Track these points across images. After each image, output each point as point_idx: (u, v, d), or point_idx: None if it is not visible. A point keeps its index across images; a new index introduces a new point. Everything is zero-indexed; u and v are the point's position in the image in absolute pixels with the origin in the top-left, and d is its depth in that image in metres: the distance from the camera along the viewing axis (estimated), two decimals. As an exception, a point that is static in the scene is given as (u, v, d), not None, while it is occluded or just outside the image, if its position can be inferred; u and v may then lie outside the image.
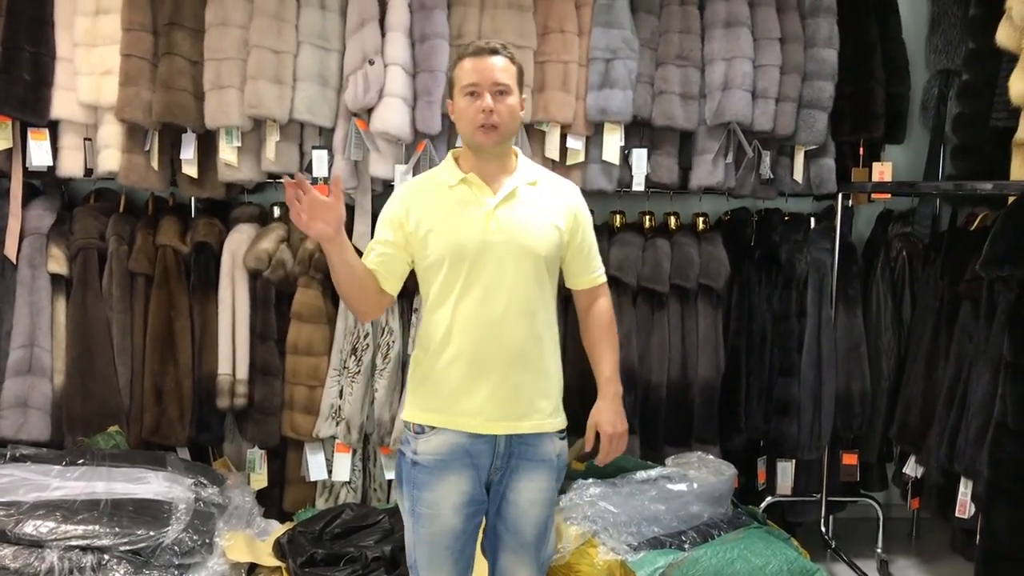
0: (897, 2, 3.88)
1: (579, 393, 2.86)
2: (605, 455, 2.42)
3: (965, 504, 3.17)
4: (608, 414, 2.41)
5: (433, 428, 2.29)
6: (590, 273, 2.45)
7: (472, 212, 2.27)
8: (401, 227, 2.31)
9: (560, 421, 2.38)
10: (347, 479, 3.59)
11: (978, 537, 3.05)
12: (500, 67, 2.25)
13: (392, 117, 3.37)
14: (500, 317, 2.25)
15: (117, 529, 2.81)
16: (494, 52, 2.26)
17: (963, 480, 3.17)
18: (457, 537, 2.30)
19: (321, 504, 3.61)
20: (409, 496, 2.32)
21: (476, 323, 2.25)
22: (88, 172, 3.52)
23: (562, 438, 2.39)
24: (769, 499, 3.82)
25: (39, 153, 3.45)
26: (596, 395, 2.44)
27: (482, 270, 2.25)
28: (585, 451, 2.49)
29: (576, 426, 2.47)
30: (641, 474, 3.31)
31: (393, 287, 2.35)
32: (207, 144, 3.51)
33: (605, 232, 3.74)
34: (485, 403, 2.26)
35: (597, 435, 2.42)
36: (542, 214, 2.31)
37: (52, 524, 2.79)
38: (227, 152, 3.44)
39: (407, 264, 2.35)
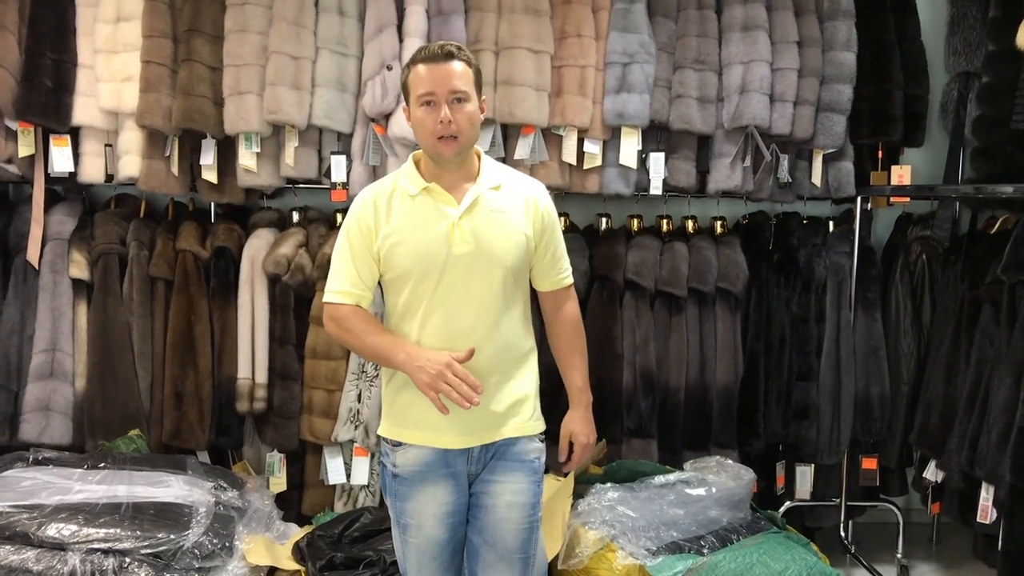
0: (916, 4, 3.86)
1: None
2: (576, 463, 2.43)
3: (987, 509, 3.15)
4: (581, 424, 2.41)
5: (408, 444, 2.26)
6: (556, 275, 2.38)
7: (436, 224, 2.19)
8: (371, 244, 2.23)
9: (538, 425, 2.34)
10: (366, 483, 3.60)
11: (1000, 543, 3.04)
12: (457, 73, 2.15)
13: (410, 122, 3.38)
14: (468, 331, 2.20)
15: (138, 532, 2.83)
16: (449, 56, 2.15)
17: (984, 485, 3.15)
18: (443, 547, 2.28)
19: (340, 508, 3.62)
20: (393, 507, 2.31)
21: (444, 338, 2.19)
22: (109, 178, 3.55)
23: (542, 440, 2.35)
24: (788, 504, 3.81)
25: (61, 159, 3.48)
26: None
27: (449, 284, 2.18)
28: (559, 460, 2.48)
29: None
30: (659, 478, 3.30)
31: (369, 302, 2.30)
32: (227, 150, 3.53)
33: (623, 236, 3.74)
34: (455, 419, 2.19)
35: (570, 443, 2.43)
36: (508, 221, 2.24)
37: (74, 527, 2.81)
38: (246, 157, 3.47)
39: (377, 275, 2.28)
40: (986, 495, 3.15)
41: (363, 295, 2.27)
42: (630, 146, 3.57)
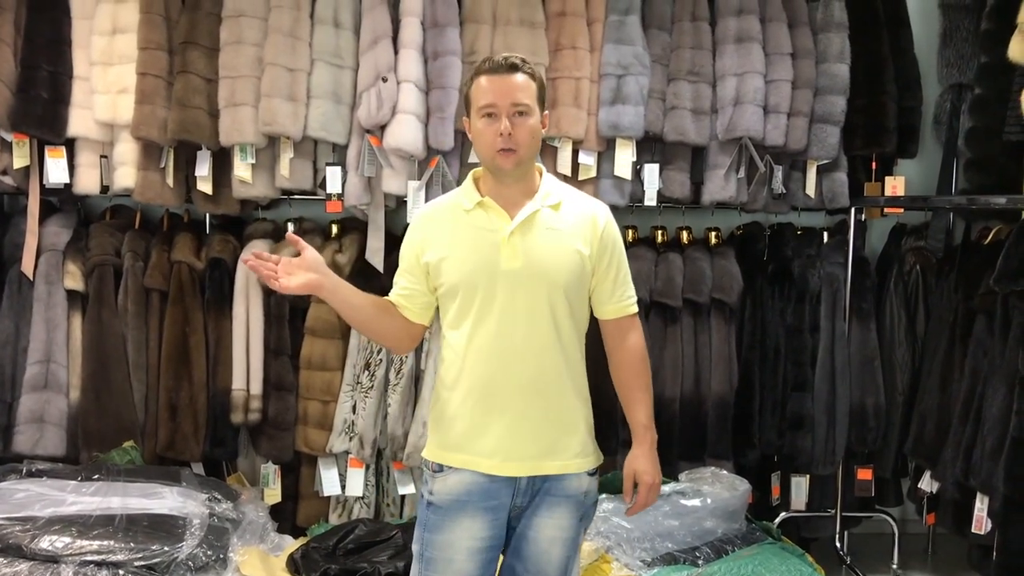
0: (909, 16, 3.88)
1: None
2: (641, 505, 2.28)
3: (981, 520, 3.15)
4: (646, 463, 2.26)
5: (451, 467, 2.18)
6: (618, 302, 2.25)
7: (486, 239, 2.14)
8: (419, 256, 2.20)
9: (590, 460, 2.23)
10: (360, 494, 3.60)
11: (995, 553, 3.03)
12: (520, 85, 2.09)
13: (405, 134, 3.39)
14: (515, 350, 2.13)
15: (132, 544, 2.82)
16: (513, 68, 2.10)
17: (979, 496, 3.15)
18: None
19: (334, 519, 3.61)
20: (419, 539, 2.21)
21: (489, 356, 2.14)
22: (104, 189, 3.55)
23: (592, 474, 2.24)
24: (783, 514, 3.80)
25: (56, 171, 3.48)
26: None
27: (496, 300, 2.12)
28: (624, 500, 2.33)
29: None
30: (655, 489, 3.30)
31: (421, 317, 2.25)
32: (222, 161, 3.54)
33: (617, 247, 3.74)
34: (501, 441, 2.13)
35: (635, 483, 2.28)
36: (563, 239, 2.16)
37: (67, 539, 2.80)
38: (241, 169, 3.47)
39: (431, 293, 2.23)
40: (981, 505, 3.15)
41: (403, 304, 2.25)
42: (625, 157, 3.58)
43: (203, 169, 3.50)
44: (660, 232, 3.85)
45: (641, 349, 2.30)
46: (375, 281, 3.49)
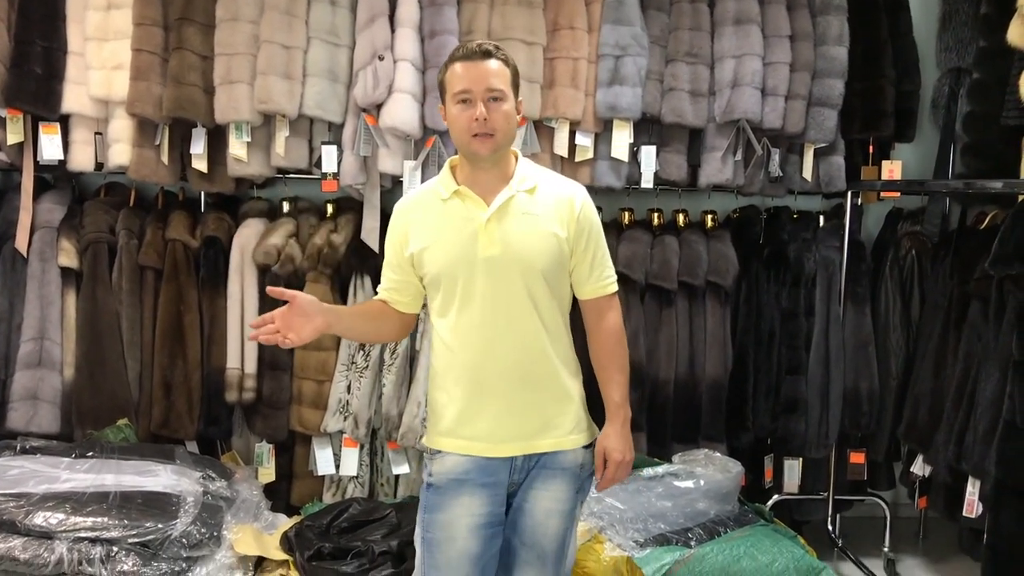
0: (908, 0, 3.86)
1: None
2: (609, 481, 2.29)
3: (973, 503, 3.16)
4: (617, 440, 2.27)
5: (448, 451, 2.21)
6: (596, 282, 2.27)
7: (464, 228, 2.16)
8: (403, 248, 2.23)
9: (584, 436, 2.26)
10: (354, 474, 3.60)
11: (985, 536, 3.05)
12: (494, 71, 2.11)
13: (401, 113, 3.38)
14: (499, 335, 2.16)
15: (126, 521, 2.83)
16: (487, 55, 2.12)
17: (971, 479, 3.16)
18: (475, 562, 2.17)
19: (328, 498, 3.62)
20: (421, 522, 2.23)
21: (475, 343, 2.16)
22: (99, 166, 3.54)
23: (588, 447, 2.28)
24: (776, 497, 3.82)
25: (50, 147, 3.47)
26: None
27: (476, 288, 2.15)
28: (594, 476, 2.35)
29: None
30: (648, 471, 3.31)
31: (412, 306, 2.31)
32: (217, 139, 3.52)
33: (614, 229, 3.74)
34: (492, 426, 2.17)
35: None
36: (540, 223, 2.17)
37: (61, 516, 2.80)
38: (237, 147, 3.45)
39: (420, 282, 2.26)
40: (972, 489, 3.16)
41: (394, 298, 2.30)
42: (622, 139, 3.57)
43: (198, 147, 3.48)
44: (656, 214, 3.84)
45: (618, 329, 2.31)
46: (371, 260, 3.50)
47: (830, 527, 3.90)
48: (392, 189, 3.66)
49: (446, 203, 2.20)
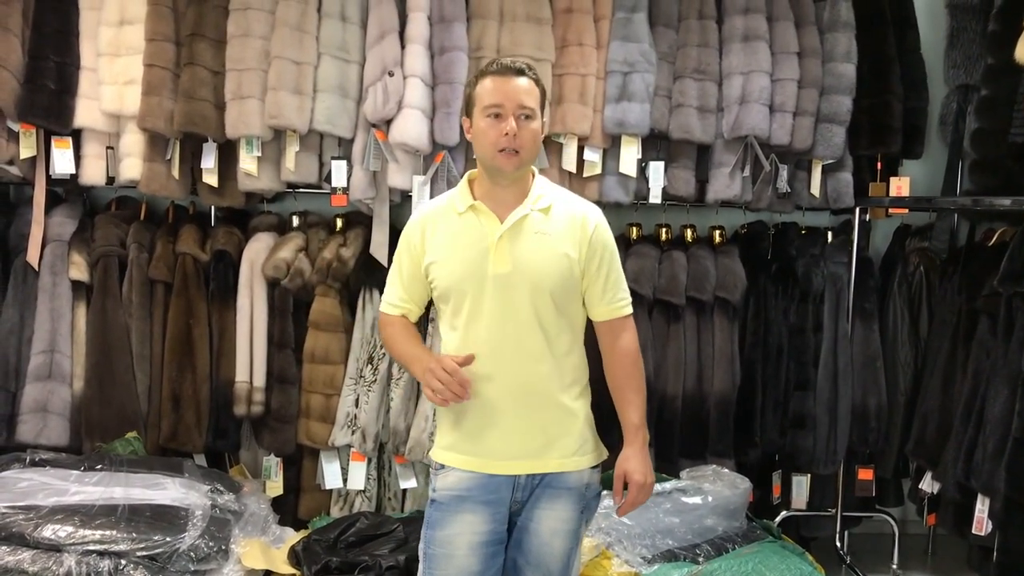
0: (916, 17, 3.88)
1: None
2: (631, 504, 2.28)
3: (982, 521, 3.15)
4: (637, 463, 2.26)
5: (452, 466, 2.22)
6: (609, 303, 2.25)
7: (476, 243, 2.17)
8: (420, 261, 2.24)
9: (589, 458, 2.26)
10: (362, 488, 3.60)
11: (995, 554, 3.04)
12: (525, 89, 2.13)
13: (411, 128, 3.40)
14: (505, 353, 2.16)
15: (134, 534, 2.83)
16: (520, 72, 2.14)
17: (980, 497, 3.15)
18: None
19: (336, 512, 3.62)
20: (424, 538, 2.24)
21: (481, 359, 2.16)
22: (110, 180, 3.56)
23: (594, 467, 2.29)
24: (784, 513, 3.81)
25: (62, 161, 3.49)
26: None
27: (484, 304, 2.16)
28: (614, 500, 2.34)
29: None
30: (656, 487, 3.30)
31: (422, 308, 2.36)
32: (227, 154, 3.54)
33: (622, 244, 3.74)
34: (495, 442, 2.18)
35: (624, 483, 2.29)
36: (551, 243, 2.17)
37: (70, 528, 2.81)
38: (247, 162, 3.47)
39: (428, 292, 2.29)
40: (981, 507, 3.15)
41: (409, 309, 2.33)
42: (630, 155, 3.58)
43: (209, 161, 3.51)
44: (664, 230, 3.85)
45: (634, 351, 2.30)
46: (379, 274, 3.50)
47: (838, 544, 3.88)
48: (401, 204, 3.67)
49: (461, 216, 2.21)
